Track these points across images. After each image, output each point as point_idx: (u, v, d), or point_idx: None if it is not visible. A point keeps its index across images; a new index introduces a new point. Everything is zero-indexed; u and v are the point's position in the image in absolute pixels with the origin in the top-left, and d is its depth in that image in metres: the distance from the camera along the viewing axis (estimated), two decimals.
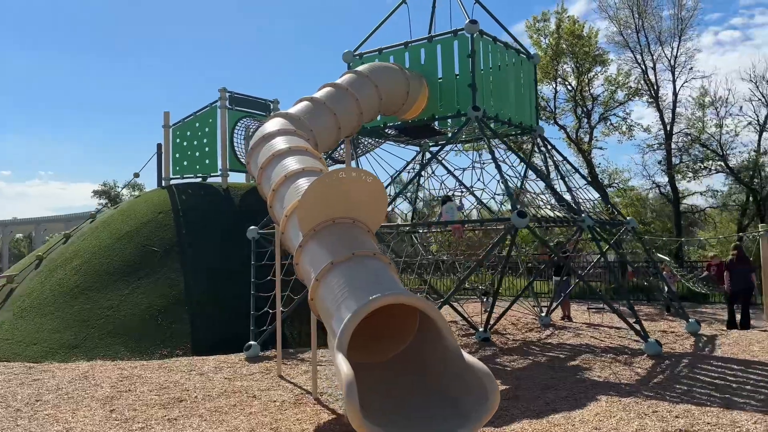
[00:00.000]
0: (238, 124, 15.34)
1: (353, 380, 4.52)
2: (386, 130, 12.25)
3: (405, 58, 11.42)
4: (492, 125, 11.32)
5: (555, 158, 12.65)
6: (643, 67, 22.91)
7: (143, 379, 8.28)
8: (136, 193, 63.93)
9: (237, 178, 16.22)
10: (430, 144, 14.16)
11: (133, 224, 13.67)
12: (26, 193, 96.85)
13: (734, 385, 7.23)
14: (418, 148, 14.27)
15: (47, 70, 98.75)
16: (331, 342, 5.31)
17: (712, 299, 16.78)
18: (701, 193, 23.18)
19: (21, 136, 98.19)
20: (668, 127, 22.63)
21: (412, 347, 5.77)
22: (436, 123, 11.50)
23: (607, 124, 24.24)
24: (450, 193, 12.32)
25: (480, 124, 10.52)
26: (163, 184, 15.57)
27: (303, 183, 6.90)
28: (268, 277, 11.29)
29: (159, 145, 16.55)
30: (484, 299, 12.31)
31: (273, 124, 8.44)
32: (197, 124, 15.34)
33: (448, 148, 12.91)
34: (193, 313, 11.71)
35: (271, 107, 16.33)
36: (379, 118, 11.12)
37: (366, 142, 13.26)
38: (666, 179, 22.73)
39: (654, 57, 22.86)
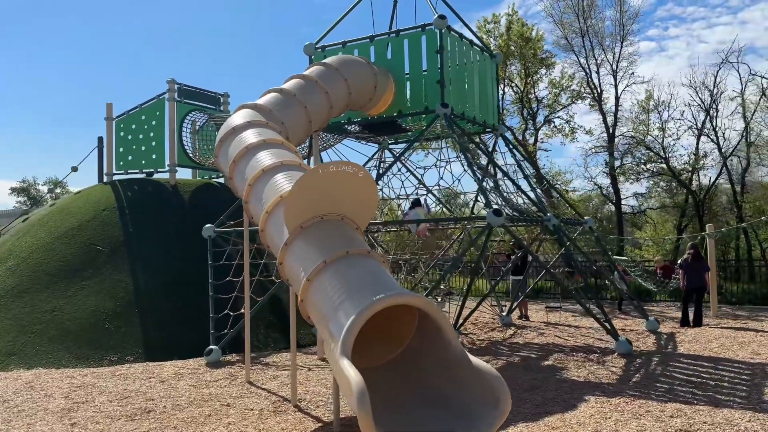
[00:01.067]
0: (187, 117, 14.63)
1: (364, 387, 4.20)
2: (349, 126, 11.92)
3: (370, 53, 11.13)
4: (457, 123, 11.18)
5: (516, 158, 12.65)
6: (587, 70, 23.45)
7: (99, 389, 7.66)
8: (58, 190, 61.23)
9: (184, 174, 15.55)
10: (390, 141, 13.93)
11: (74, 222, 12.79)
12: None
13: (711, 382, 7.31)
14: (377, 145, 14.02)
15: None
16: (328, 347, 4.96)
17: (657, 297, 17.27)
18: (642, 194, 23.98)
19: None
20: (611, 130, 23.24)
21: (409, 351, 5.49)
22: (401, 119, 11.25)
23: (551, 126, 24.71)
24: (419, 197, 12.11)
25: (449, 121, 10.34)
26: (105, 180, 14.68)
27: (281, 178, 6.52)
28: (227, 278, 10.79)
29: (100, 139, 15.65)
30: (448, 299, 12.15)
31: (242, 116, 7.98)
32: (143, 117, 14.54)
33: (414, 145, 12.68)
34: (144, 316, 11.03)
35: (221, 100, 15.71)
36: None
37: (326, 138, 12.87)
38: (608, 181, 23.36)
39: (597, 61, 23.43)
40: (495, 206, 8.97)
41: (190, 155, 14.52)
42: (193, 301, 11.51)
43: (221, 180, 15.63)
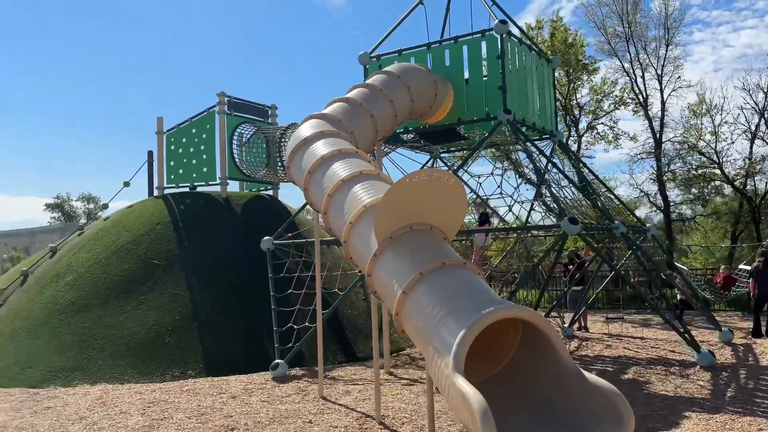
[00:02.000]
0: (236, 130, 14.60)
1: (487, 405, 3.95)
2: (405, 135, 11.73)
3: (427, 60, 10.94)
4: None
5: (575, 164, 12.33)
6: (632, 75, 22.99)
7: (173, 405, 7.53)
8: (90, 205, 62.12)
9: (232, 186, 15.50)
10: (441, 150, 13.71)
11: (129, 236, 12.80)
12: None
13: None
14: (428, 155, 13.81)
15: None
16: (433, 363, 4.73)
17: (716, 307, 16.69)
18: (692, 201, 23.29)
19: None
20: (657, 135, 22.71)
21: (513, 365, 5.23)
22: (460, 127, 11.02)
23: (593, 133, 24.27)
24: (487, 211, 11.84)
25: (512, 128, 10.09)
26: (156, 194, 14.71)
27: (362, 187, 6.34)
28: (289, 291, 10.66)
29: (150, 153, 15.72)
30: None
31: (312, 126, 7.84)
32: (193, 130, 14.56)
33: (469, 153, 12.43)
34: (202, 330, 10.93)
35: (269, 113, 15.67)
36: None
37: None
38: (656, 188, 22.79)
39: (642, 66, 22.96)
40: (569, 214, 8.67)
41: (242, 169, 14.47)
42: (249, 315, 11.39)
43: (270, 192, 15.57)
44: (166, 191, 14.64)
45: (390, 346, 10.86)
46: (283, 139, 14.01)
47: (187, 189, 14.60)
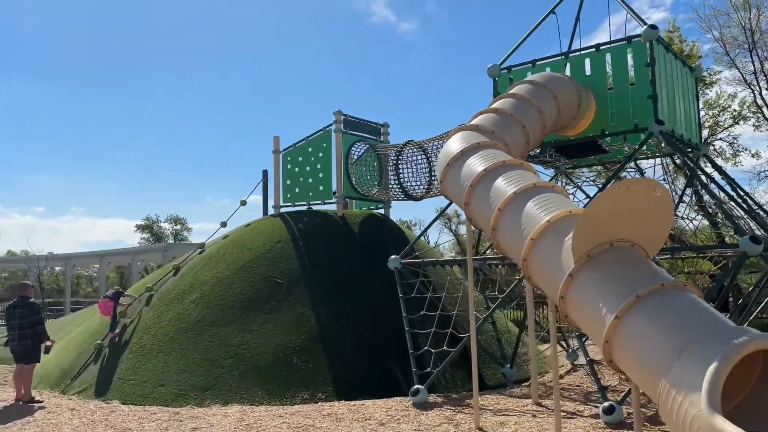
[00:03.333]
0: (352, 148, 14.41)
1: None
2: (535, 148, 11.14)
3: (565, 70, 10.35)
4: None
5: (718, 182, 11.33)
6: (756, 88, 21.47)
7: (321, 430, 7.16)
8: (177, 226, 64.26)
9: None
10: (567, 166, 12.99)
11: (251, 255, 12.74)
12: (58, 229, 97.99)
13: None
14: (553, 170, 13.13)
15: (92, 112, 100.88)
16: (671, 400, 4.10)
17: None
18: None
19: (55, 173, 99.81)
20: None
21: (754, 398, 4.53)
22: (602, 140, 10.33)
23: (710, 149, 22.77)
24: None
25: (666, 139, 9.33)
26: (273, 212, 14.69)
27: (540, 201, 5.80)
28: (422, 312, 10.21)
29: (265, 172, 15.79)
30: None
31: (465, 138, 7.41)
32: (310, 149, 14.49)
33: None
34: (329, 351, 10.61)
35: (381, 131, 15.42)
36: None
37: None
38: None
39: (767, 76, 21.40)
40: (750, 233, 7.82)
41: (357, 188, 14.25)
42: (376, 336, 11.01)
43: (381, 210, 15.26)
44: (282, 209, 14.60)
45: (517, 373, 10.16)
46: (401, 157, 13.72)
47: (303, 207, 14.50)
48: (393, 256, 10.78)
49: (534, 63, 10.75)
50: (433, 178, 13.62)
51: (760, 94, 21.48)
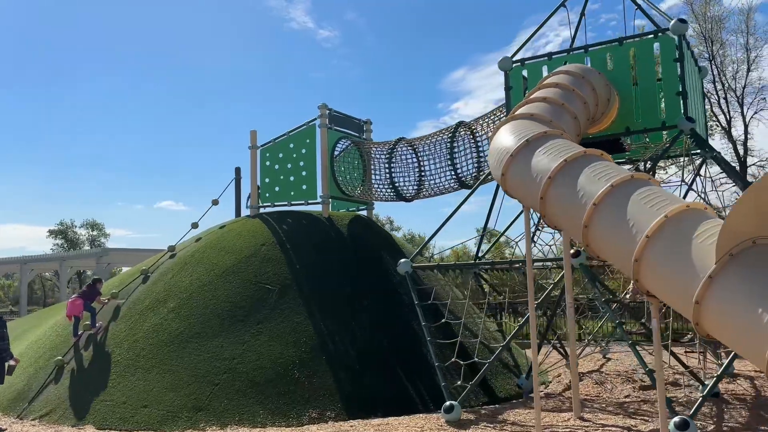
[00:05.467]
0: (337, 146, 13.48)
1: None
2: None
3: (585, 64, 9.85)
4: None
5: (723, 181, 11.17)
6: (716, 97, 21.98)
7: None
8: (94, 232, 60.54)
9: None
10: None
11: (233, 258, 11.59)
12: None
13: None
14: None
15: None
16: None
17: None
18: None
19: None
20: (742, 159, 21.63)
21: None
22: (629, 138, 9.90)
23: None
24: None
25: (696, 137, 8.96)
26: (249, 213, 13.55)
27: (645, 196, 5.16)
28: (443, 320, 9.42)
29: (237, 169, 14.62)
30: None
31: (526, 127, 6.71)
32: (291, 145, 13.46)
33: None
34: (332, 364, 9.66)
35: (364, 128, 14.57)
36: None
37: None
38: None
39: (725, 87, 21.94)
40: None
41: (342, 187, 13.33)
42: (377, 347, 10.14)
43: (364, 212, 14.39)
44: (260, 210, 13.50)
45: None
46: (393, 155, 12.93)
47: (283, 208, 13.45)
48: (403, 260, 9.95)
49: (550, 56, 10.22)
50: (423, 178, 12.91)
51: (719, 103, 22.01)
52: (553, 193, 5.82)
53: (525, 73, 10.43)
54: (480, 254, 11.50)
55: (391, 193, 13.04)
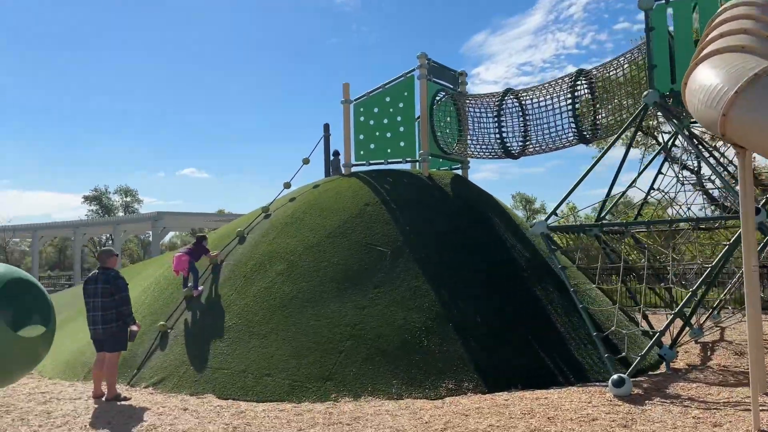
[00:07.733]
0: (435, 99, 12.58)
1: None
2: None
3: None
4: None
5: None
6: None
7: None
8: (128, 198, 60.63)
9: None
10: (689, 121, 11.48)
11: (338, 219, 10.89)
12: None
13: None
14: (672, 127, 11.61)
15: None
16: None
17: None
18: None
19: None
20: None
21: None
22: None
23: None
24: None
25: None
26: (343, 172, 12.81)
27: None
28: (596, 285, 8.61)
29: (326, 126, 13.85)
30: None
31: (742, 60, 5.74)
32: (387, 99, 12.60)
33: None
34: (461, 332, 8.94)
35: (459, 80, 13.61)
36: None
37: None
38: None
39: None
40: None
41: (439, 142, 12.47)
42: (505, 315, 9.38)
43: (459, 171, 13.51)
44: (354, 168, 12.75)
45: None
46: (502, 108, 12.01)
47: (379, 166, 12.67)
48: (537, 220, 9.13)
49: None
50: (528, 133, 11.99)
51: None
52: None
53: (670, 11, 9.36)
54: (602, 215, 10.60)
55: (498, 150, 12.14)
